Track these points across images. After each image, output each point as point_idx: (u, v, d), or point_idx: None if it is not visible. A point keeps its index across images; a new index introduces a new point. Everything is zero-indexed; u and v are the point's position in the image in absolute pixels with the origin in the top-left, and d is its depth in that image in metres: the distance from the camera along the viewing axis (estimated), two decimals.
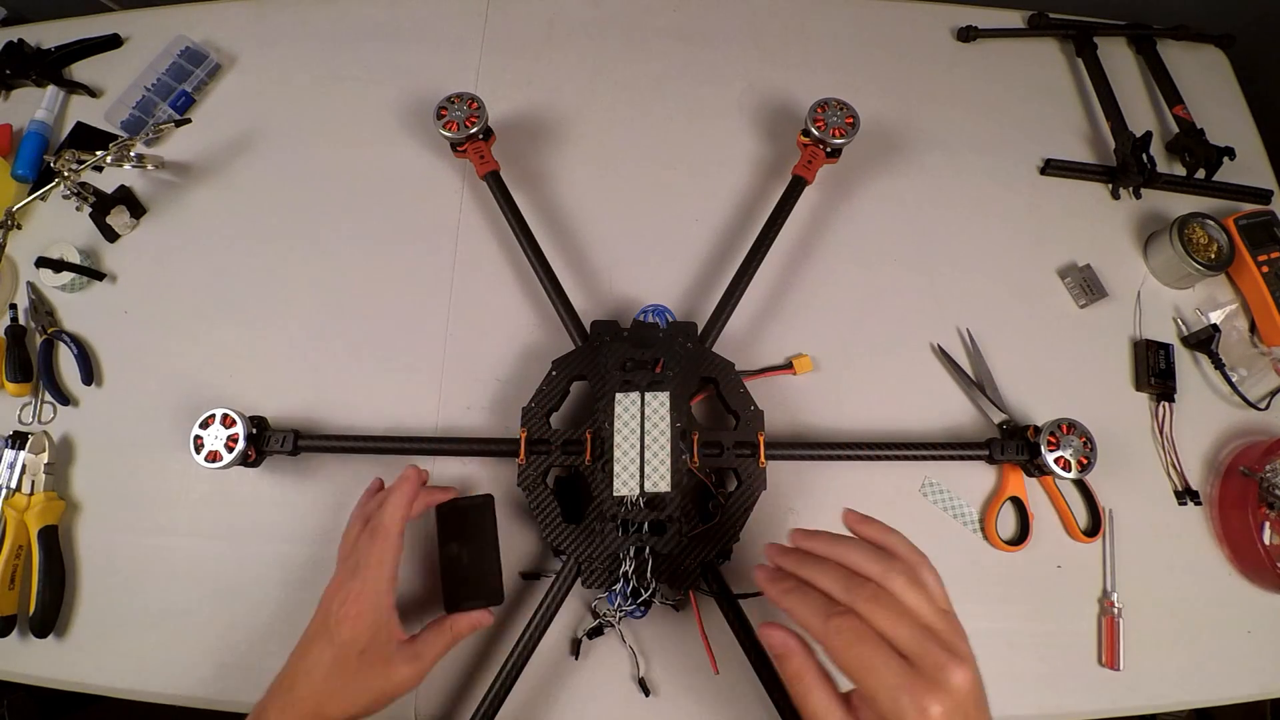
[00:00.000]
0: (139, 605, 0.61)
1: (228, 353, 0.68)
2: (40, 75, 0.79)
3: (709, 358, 0.61)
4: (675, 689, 0.58)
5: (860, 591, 0.38)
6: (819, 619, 0.39)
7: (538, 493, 0.57)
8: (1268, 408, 0.68)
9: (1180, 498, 0.65)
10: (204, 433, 0.59)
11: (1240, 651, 0.62)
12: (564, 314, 0.64)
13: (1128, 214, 0.76)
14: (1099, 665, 0.60)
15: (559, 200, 0.74)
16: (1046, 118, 0.81)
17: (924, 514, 0.64)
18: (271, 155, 0.76)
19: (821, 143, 0.70)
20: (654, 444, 0.56)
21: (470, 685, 0.58)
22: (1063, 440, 0.59)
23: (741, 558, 0.61)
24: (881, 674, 0.36)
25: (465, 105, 0.70)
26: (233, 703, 0.58)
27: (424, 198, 0.74)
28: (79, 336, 0.68)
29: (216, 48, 0.81)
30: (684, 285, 0.70)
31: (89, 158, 0.69)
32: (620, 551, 0.55)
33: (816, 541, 0.44)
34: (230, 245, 0.72)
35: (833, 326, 0.69)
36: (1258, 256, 0.71)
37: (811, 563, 0.42)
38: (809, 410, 0.66)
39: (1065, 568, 0.63)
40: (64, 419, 0.66)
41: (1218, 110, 0.82)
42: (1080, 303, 0.72)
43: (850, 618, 0.38)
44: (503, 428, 0.64)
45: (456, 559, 0.57)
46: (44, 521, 0.61)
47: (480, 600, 0.55)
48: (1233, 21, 0.88)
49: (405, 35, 0.82)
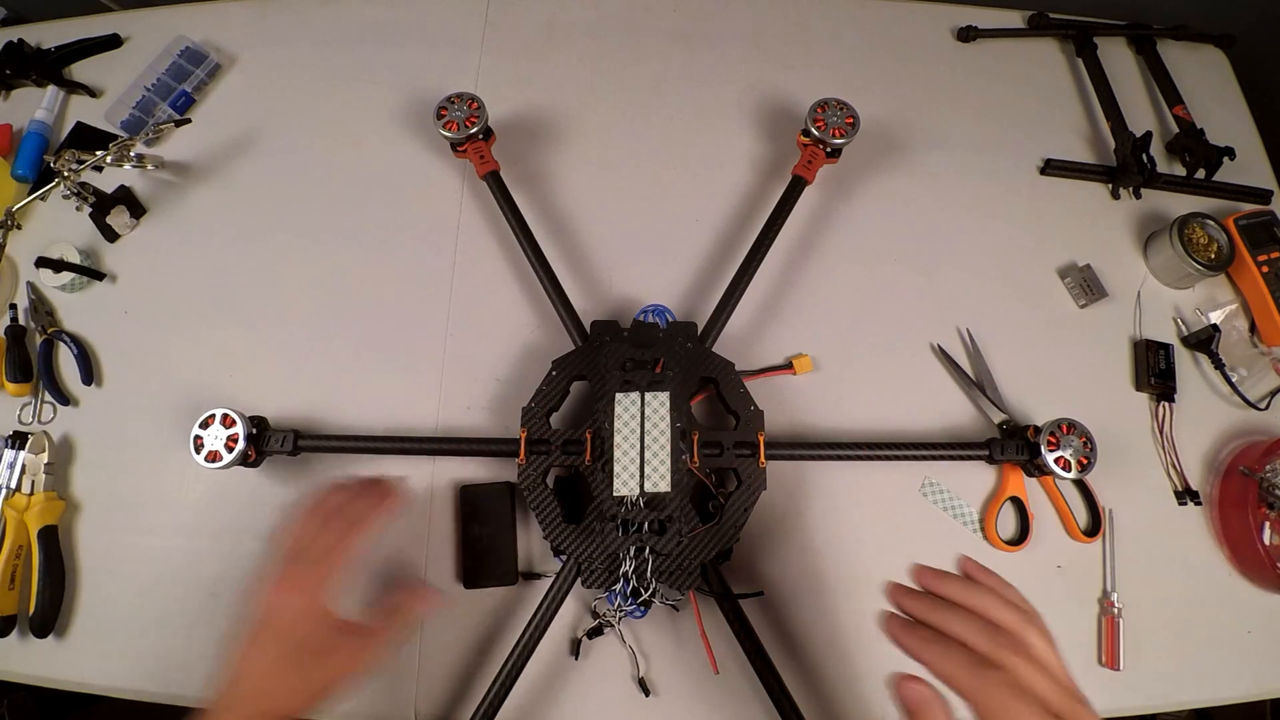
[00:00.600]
0: (139, 605, 0.61)
1: (228, 353, 0.68)
2: (40, 75, 0.79)
3: (709, 358, 0.61)
4: (675, 689, 0.58)
5: (1005, 645, 0.38)
6: (969, 674, 0.38)
7: (538, 493, 0.57)
8: (1268, 408, 0.68)
9: (1180, 498, 0.65)
10: (204, 433, 0.59)
11: (1240, 651, 0.62)
12: (564, 314, 0.64)
13: (1128, 214, 0.76)
14: (1099, 665, 0.60)
15: (559, 200, 0.74)
16: (1046, 118, 0.81)
17: (924, 514, 0.64)
18: (271, 155, 0.76)
19: (821, 143, 0.70)
20: (654, 444, 0.56)
21: (470, 685, 0.58)
22: (1063, 440, 0.59)
23: (741, 558, 0.61)
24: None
25: (465, 105, 0.70)
26: None
27: (424, 198, 0.74)
28: (79, 336, 0.68)
29: (216, 48, 0.81)
30: (684, 285, 0.70)
31: (89, 158, 0.69)
32: (620, 551, 0.55)
33: (948, 586, 0.42)
34: (230, 245, 0.72)
35: (833, 326, 0.69)
36: (1258, 256, 0.71)
37: (943, 609, 0.41)
38: (809, 410, 0.66)
39: (1065, 568, 0.63)
40: (64, 419, 0.66)
41: (1218, 110, 0.82)
42: (1080, 303, 0.72)
43: (1003, 674, 0.37)
44: (503, 428, 0.64)
45: (476, 540, 0.60)
46: (44, 521, 0.61)
47: (496, 580, 0.59)
48: (1233, 21, 0.88)
49: (405, 35, 0.82)
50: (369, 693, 0.58)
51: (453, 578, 0.61)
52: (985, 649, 0.38)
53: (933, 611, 0.41)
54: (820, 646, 0.59)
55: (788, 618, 0.60)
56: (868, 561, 0.62)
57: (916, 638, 0.41)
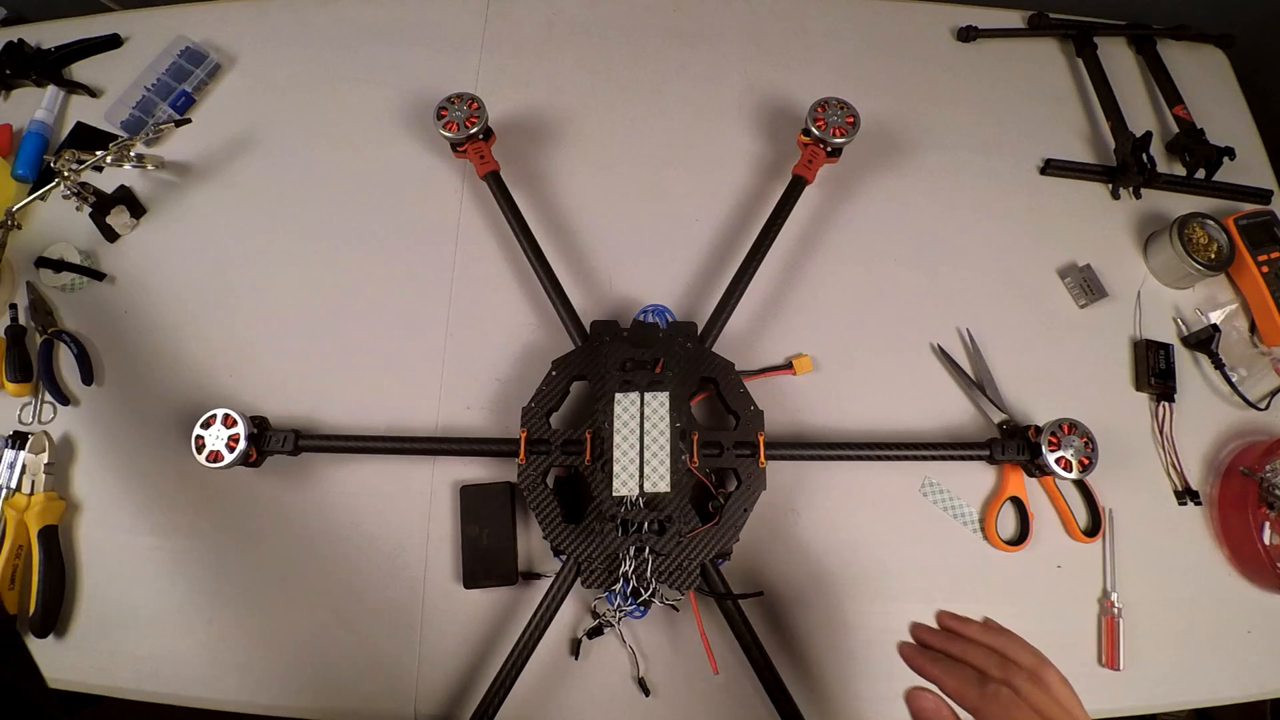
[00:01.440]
0: (139, 605, 0.61)
1: (228, 352, 0.68)
2: (40, 75, 0.79)
3: (709, 358, 0.61)
4: (675, 689, 0.58)
5: (1017, 672, 0.39)
6: (973, 687, 0.39)
7: (538, 493, 0.57)
8: (1268, 408, 0.68)
9: (1180, 498, 0.65)
10: (205, 433, 0.59)
11: (1240, 651, 0.62)
12: (564, 314, 0.64)
13: (1128, 214, 0.76)
14: (1099, 665, 0.60)
15: (559, 200, 0.74)
16: (1046, 118, 0.81)
17: (924, 514, 0.64)
18: (271, 155, 0.76)
19: (822, 142, 0.70)
20: (653, 444, 0.56)
21: (470, 685, 0.58)
22: (1064, 440, 0.59)
23: (741, 558, 0.61)
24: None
25: (465, 105, 0.70)
26: (233, 703, 0.58)
27: (424, 198, 0.74)
28: (79, 336, 0.68)
29: (216, 48, 0.81)
30: (684, 285, 0.70)
31: (89, 158, 0.69)
32: (620, 551, 0.55)
33: (969, 626, 0.44)
34: (230, 245, 0.72)
35: (833, 326, 0.69)
36: (1258, 256, 0.71)
37: (961, 642, 0.42)
38: (809, 410, 0.66)
39: (1065, 568, 0.63)
40: (64, 419, 0.66)
41: (1218, 110, 0.82)
42: (1080, 303, 0.72)
43: (1007, 689, 0.38)
44: (503, 428, 0.64)
45: (476, 539, 0.60)
46: (44, 521, 0.61)
47: (496, 580, 0.59)
48: (1233, 21, 0.88)
49: (405, 35, 0.82)
50: (369, 693, 0.58)
51: (453, 578, 0.61)
52: (993, 671, 0.39)
53: (952, 643, 0.42)
54: (820, 647, 0.59)
55: (787, 618, 0.60)
56: (867, 562, 0.62)
57: (928, 658, 0.42)
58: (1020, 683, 0.38)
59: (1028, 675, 0.39)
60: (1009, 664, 0.39)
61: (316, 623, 0.60)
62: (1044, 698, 0.38)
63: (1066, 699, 0.39)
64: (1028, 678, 0.38)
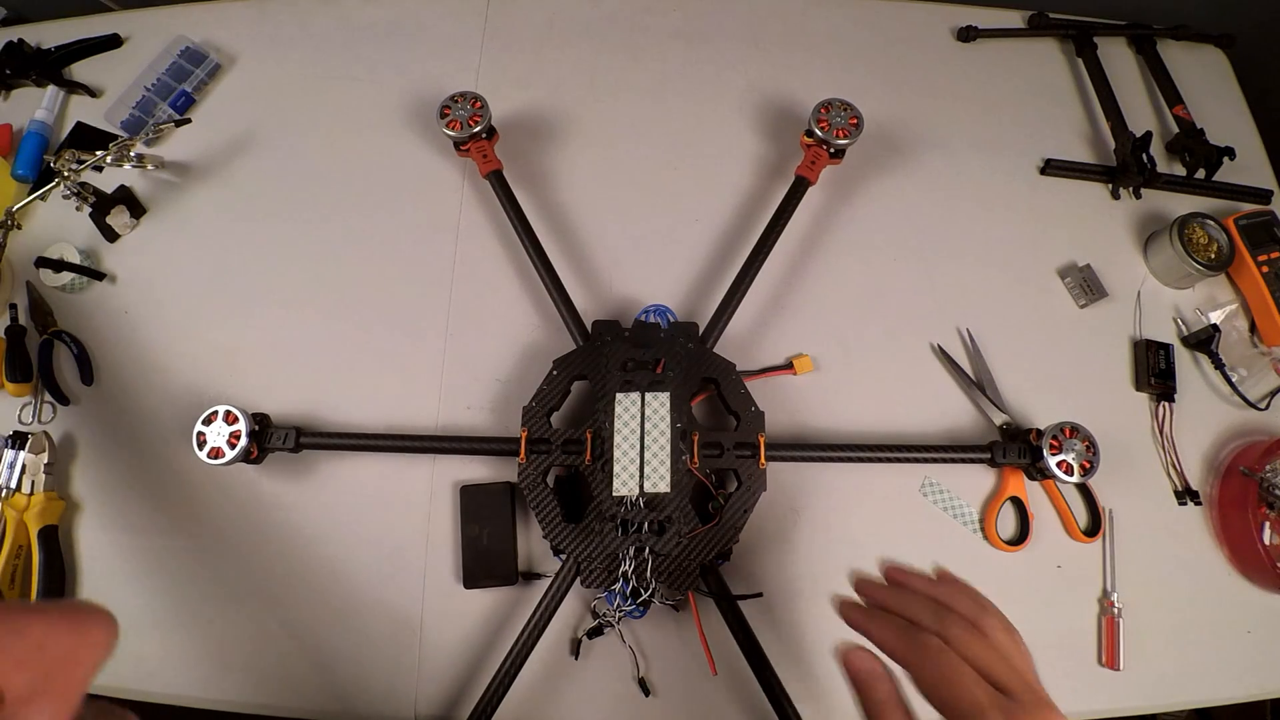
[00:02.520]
0: (139, 605, 0.61)
1: (228, 352, 0.68)
2: (40, 75, 0.79)
3: (710, 358, 0.61)
4: (675, 689, 0.58)
5: (953, 621, 0.37)
6: (905, 639, 0.37)
7: (538, 492, 0.57)
8: (1268, 408, 0.68)
9: (1180, 498, 0.65)
10: (207, 429, 0.59)
11: (1240, 651, 0.62)
12: (565, 313, 0.64)
13: (1128, 214, 0.76)
14: (1099, 665, 0.60)
15: (560, 199, 0.74)
16: (1046, 117, 0.81)
17: (924, 514, 0.64)
18: (272, 155, 0.76)
19: (825, 143, 0.70)
20: (654, 444, 0.56)
21: (470, 685, 0.58)
22: (1065, 444, 0.59)
23: (741, 558, 0.61)
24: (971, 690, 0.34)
25: (468, 104, 0.70)
26: (233, 703, 0.58)
27: (424, 197, 0.74)
28: (79, 336, 0.68)
29: (216, 48, 0.81)
30: (685, 285, 0.70)
31: (89, 158, 0.69)
32: (620, 551, 0.55)
33: (913, 579, 0.42)
34: (230, 245, 0.72)
35: (833, 326, 0.69)
36: (1258, 256, 0.71)
37: (901, 595, 0.40)
38: (809, 411, 0.66)
39: (1065, 568, 0.63)
40: (64, 419, 0.66)
41: (1218, 110, 0.82)
42: (1080, 303, 0.72)
43: (936, 638, 0.36)
44: (503, 427, 0.64)
45: (477, 539, 0.60)
46: (44, 521, 0.61)
47: (496, 580, 0.59)
48: (1233, 21, 0.88)
49: (406, 35, 0.82)
50: (369, 692, 0.58)
51: (453, 577, 0.61)
52: (927, 621, 0.37)
53: (891, 598, 0.40)
54: (819, 648, 0.59)
55: (787, 619, 0.60)
56: (867, 563, 0.61)
57: (864, 612, 0.40)
58: (955, 631, 0.36)
59: (964, 623, 0.37)
60: (945, 612, 0.37)
61: (317, 622, 0.60)
62: (979, 645, 0.36)
63: (1006, 647, 0.37)
64: (965, 626, 0.36)
